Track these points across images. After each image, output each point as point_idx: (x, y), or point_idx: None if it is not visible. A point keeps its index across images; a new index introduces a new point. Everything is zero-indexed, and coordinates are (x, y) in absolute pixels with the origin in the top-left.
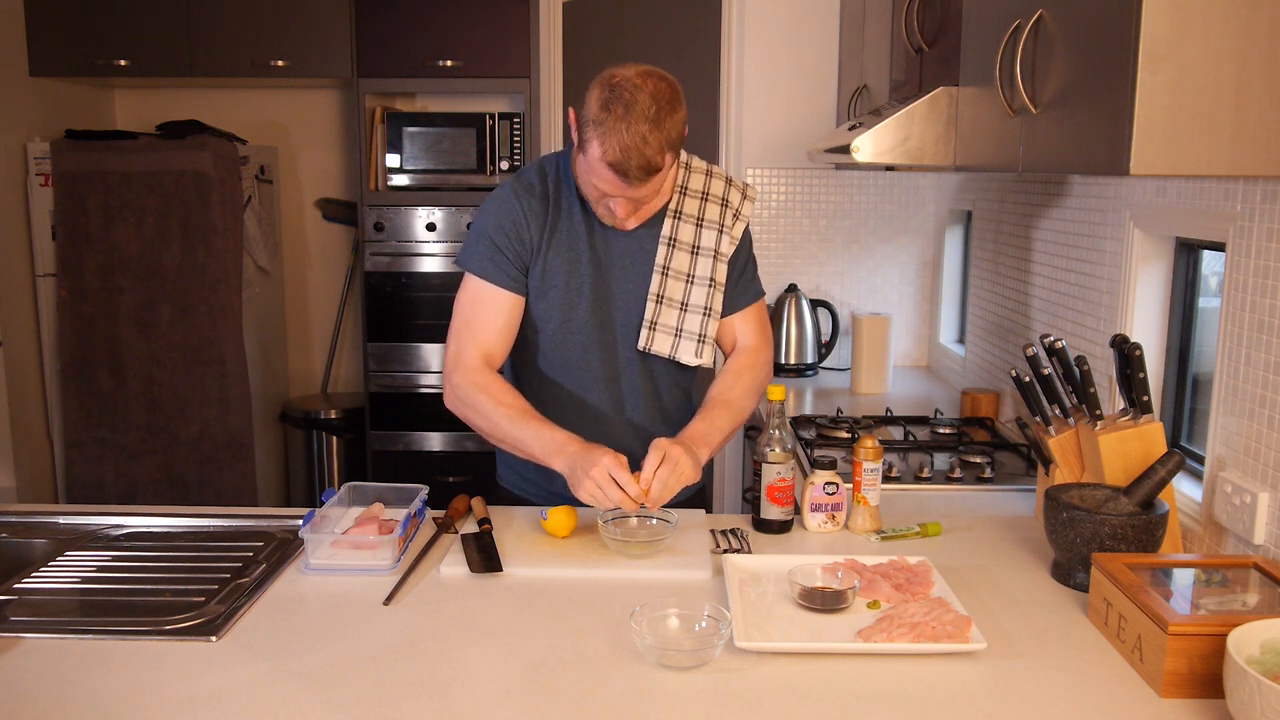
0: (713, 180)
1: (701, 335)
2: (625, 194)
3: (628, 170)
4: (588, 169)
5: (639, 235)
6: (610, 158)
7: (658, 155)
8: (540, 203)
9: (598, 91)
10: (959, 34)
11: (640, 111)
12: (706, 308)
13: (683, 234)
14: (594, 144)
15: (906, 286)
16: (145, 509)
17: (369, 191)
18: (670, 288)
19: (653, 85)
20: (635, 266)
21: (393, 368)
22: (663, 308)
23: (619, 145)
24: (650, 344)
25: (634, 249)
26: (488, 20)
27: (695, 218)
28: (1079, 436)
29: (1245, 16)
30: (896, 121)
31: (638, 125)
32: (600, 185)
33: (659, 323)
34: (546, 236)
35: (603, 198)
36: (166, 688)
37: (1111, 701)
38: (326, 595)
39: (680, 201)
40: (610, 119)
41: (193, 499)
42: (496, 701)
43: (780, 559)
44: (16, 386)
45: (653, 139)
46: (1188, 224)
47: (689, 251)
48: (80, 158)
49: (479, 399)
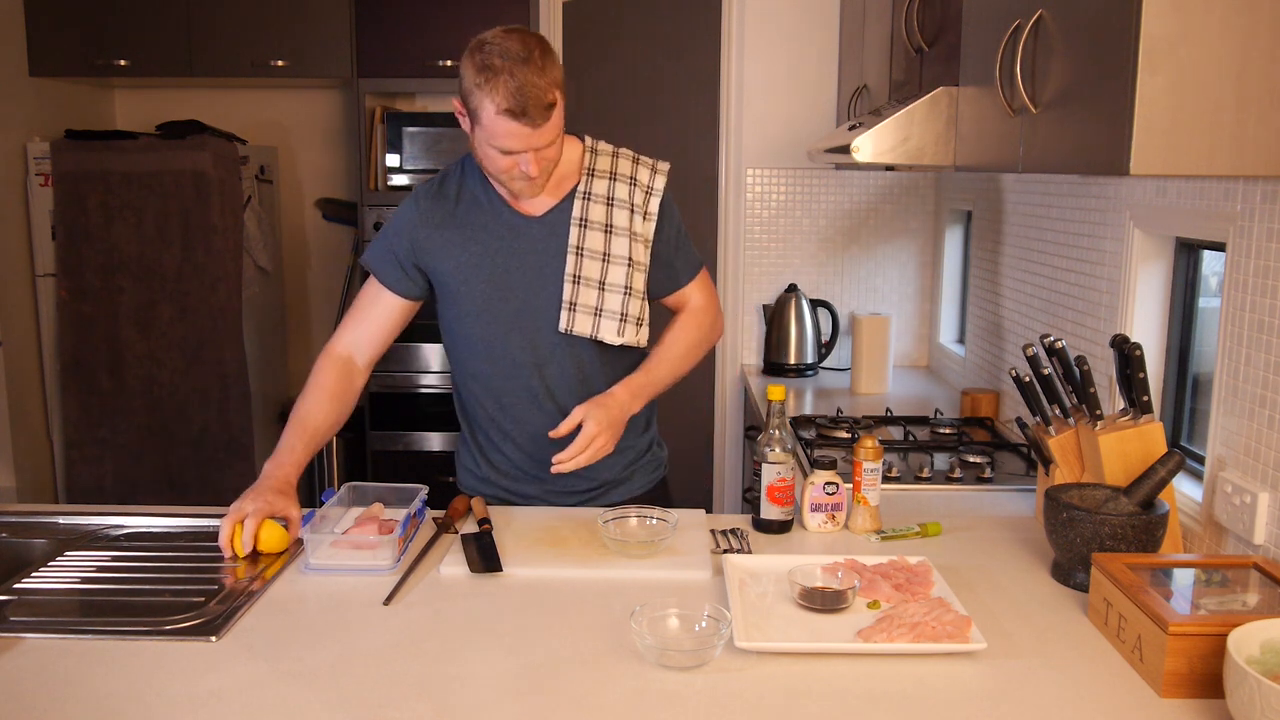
0: (620, 160)
1: (623, 314)
2: (530, 143)
3: (526, 109)
4: (489, 136)
5: (550, 221)
6: (506, 105)
7: (548, 90)
8: (438, 202)
9: (469, 59)
10: (959, 34)
11: (516, 56)
12: (627, 286)
13: (593, 214)
14: (485, 102)
15: (906, 286)
16: (145, 509)
17: (369, 191)
18: (586, 267)
19: (518, 35)
20: (549, 252)
21: (392, 368)
22: (580, 288)
23: (509, 90)
24: (571, 325)
25: (546, 235)
26: (488, 20)
27: (605, 197)
28: (1079, 436)
29: (1245, 16)
30: (896, 121)
31: (518, 68)
32: (506, 143)
33: (578, 303)
34: (447, 234)
35: (510, 165)
36: (166, 688)
37: (1111, 701)
38: (326, 595)
39: (589, 183)
40: (491, 73)
41: (193, 499)
42: (496, 701)
43: (780, 559)
44: (16, 386)
45: (536, 77)
46: (1188, 224)
47: (602, 230)
48: (80, 158)
49: (312, 373)
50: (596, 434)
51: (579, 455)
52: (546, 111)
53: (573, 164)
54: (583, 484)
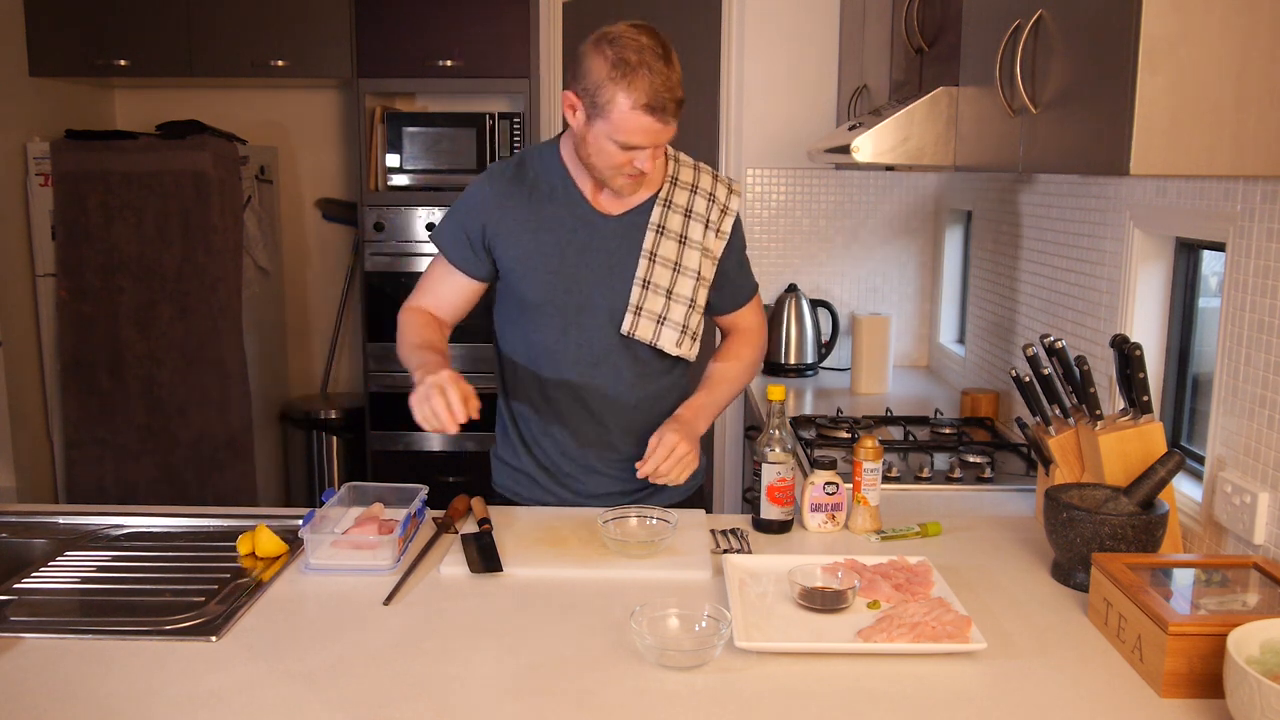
0: (701, 174)
1: (684, 326)
2: (658, 139)
3: (665, 107)
4: (615, 130)
5: (625, 221)
6: (644, 100)
7: (679, 89)
8: (514, 186)
9: (600, 54)
10: (959, 34)
11: (652, 52)
12: (691, 300)
13: (671, 223)
14: (620, 97)
15: (906, 286)
16: (145, 509)
17: (369, 191)
18: (657, 274)
19: (649, 31)
20: (621, 252)
21: (393, 368)
22: (649, 294)
23: (648, 87)
24: (634, 329)
25: (620, 235)
26: (488, 20)
27: (684, 209)
28: (1079, 436)
29: (1245, 16)
30: (896, 121)
31: (657, 64)
32: (633, 139)
33: (644, 308)
34: (518, 219)
35: (627, 160)
36: (166, 688)
37: (1111, 701)
38: (326, 595)
39: (670, 191)
40: (628, 67)
41: (193, 499)
42: (496, 701)
43: (780, 559)
44: (16, 386)
45: (671, 74)
46: (1188, 224)
47: (677, 241)
48: (80, 158)
49: (401, 322)
50: (678, 442)
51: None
52: (679, 109)
53: (656, 170)
54: (620, 485)
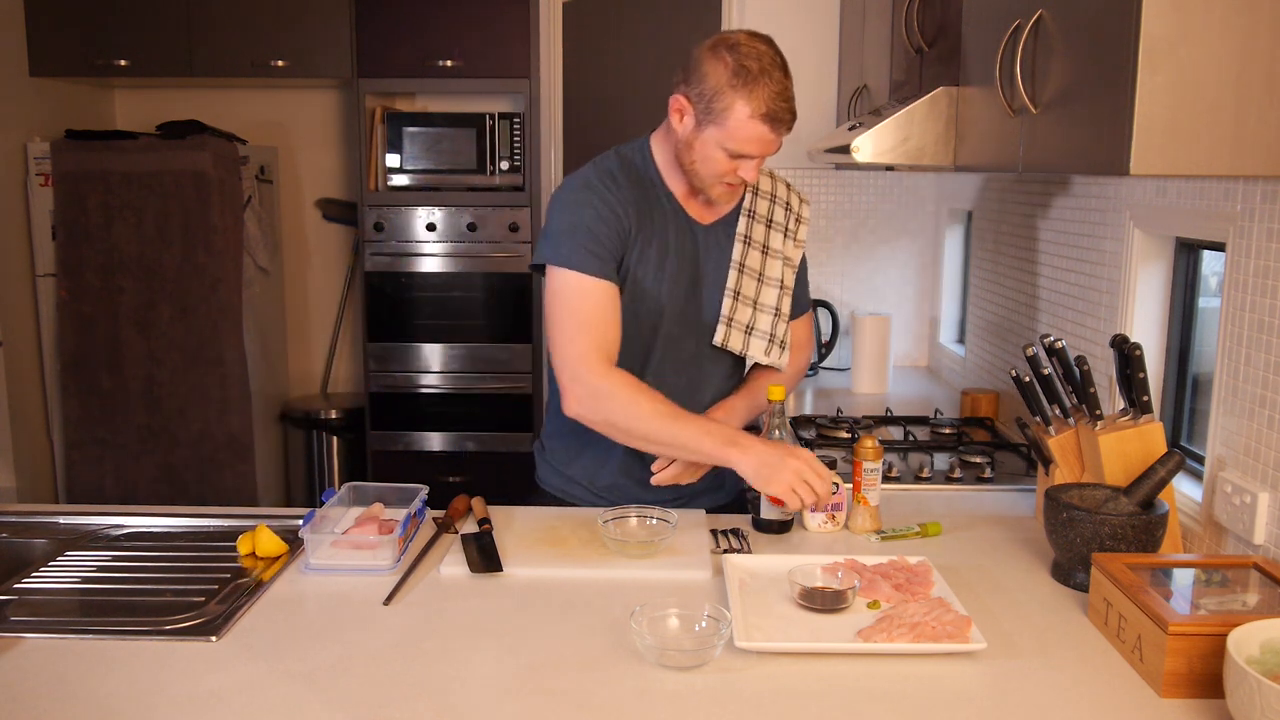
0: (776, 183)
1: (772, 335)
2: (768, 150)
3: (783, 118)
4: (728, 137)
5: (716, 231)
6: (764, 109)
7: (794, 101)
8: (624, 190)
9: (719, 60)
10: (959, 34)
11: (772, 62)
12: (776, 309)
13: (756, 232)
14: (739, 105)
15: (906, 286)
16: (145, 509)
17: (369, 191)
18: (745, 285)
19: (766, 40)
20: (713, 262)
21: (393, 368)
22: (739, 305)
23: (769, 96)
24: (726, 340)
25: (712, 244)
26: (488, 20)
27: (766, 218)
28: (1079, 436)
29: (1245, 16)
30: (896, 121)
31: (776, 74)
32: (746, 148)
33: (734, 319)
34: (640, 225)
35: (732, 169)
36: (166, 688)
37: (1111, 701)
38: (326, 595)
39: (754, 201)
40: (751, 76)
41: (193, 499)
42: (496, 701)
43: (780, 559)
44: (16, 386)
45: (789, 86)
46: (1188, 224)
47: (761, 251)
48: (80, 158)
49: (630, 397)
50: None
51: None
52: (793, 121)
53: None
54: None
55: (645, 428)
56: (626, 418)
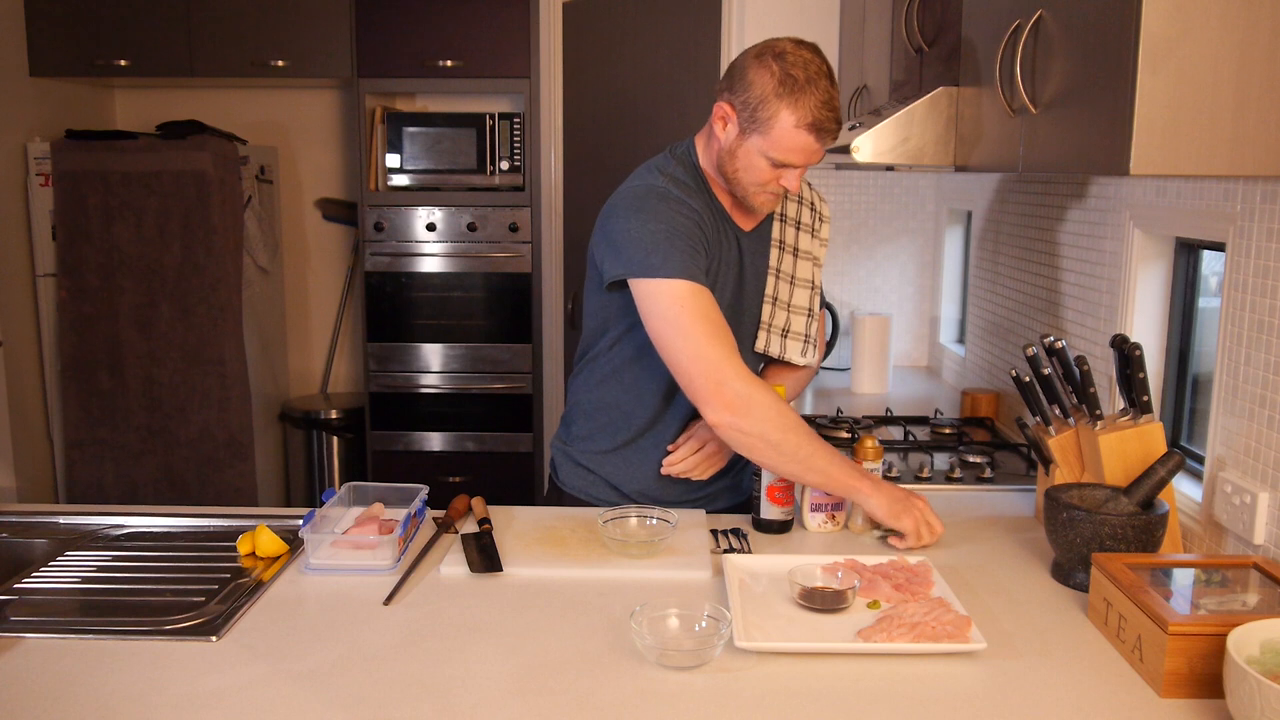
0: (802, 185)
1: (806, 335)
2: (812, 159)
3: (829, 128)
4: (772, 146)
5: (755, 237)
6: (811, 118)
7: (840, 109)
8: (693, 198)
9: (763, 66)
10: (959, 34)
11: (819, 71)
12: (809, 310)
13: (787, 236)
14: (784, 113)
15: (906, 286)
16: (145, 509)
17: (369, 191)
18: (781, 290)
19: (812, 49)
20: (754, 268)
21: (393, 368)
22: (776, 309)
23: (815, 105)
24: (767, 346)
25: (753, 250)
26: (488, 20)
27: (795, 221)
28: (1079, 436)
29: (1245, 16)
30: (896, 121)
31: (823, 83)
32: (790, 158)
33: (773, 325)
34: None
35: (774, 178)
36: (167, 688)
37: (1111, 701)
38: (326, 595)
39: (783, 205)
40: (794, 86)
41: (193, 499)
42: (496, 701)
43: (780, 559)
44: (16, 386)
45: (835, 95)
46: (1188, 224)
47: (793, 254)
48: (80, 158)
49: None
50: (708, 438)
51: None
52: (839, 131)
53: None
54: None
55: (793, 442)
56: (778, 429)
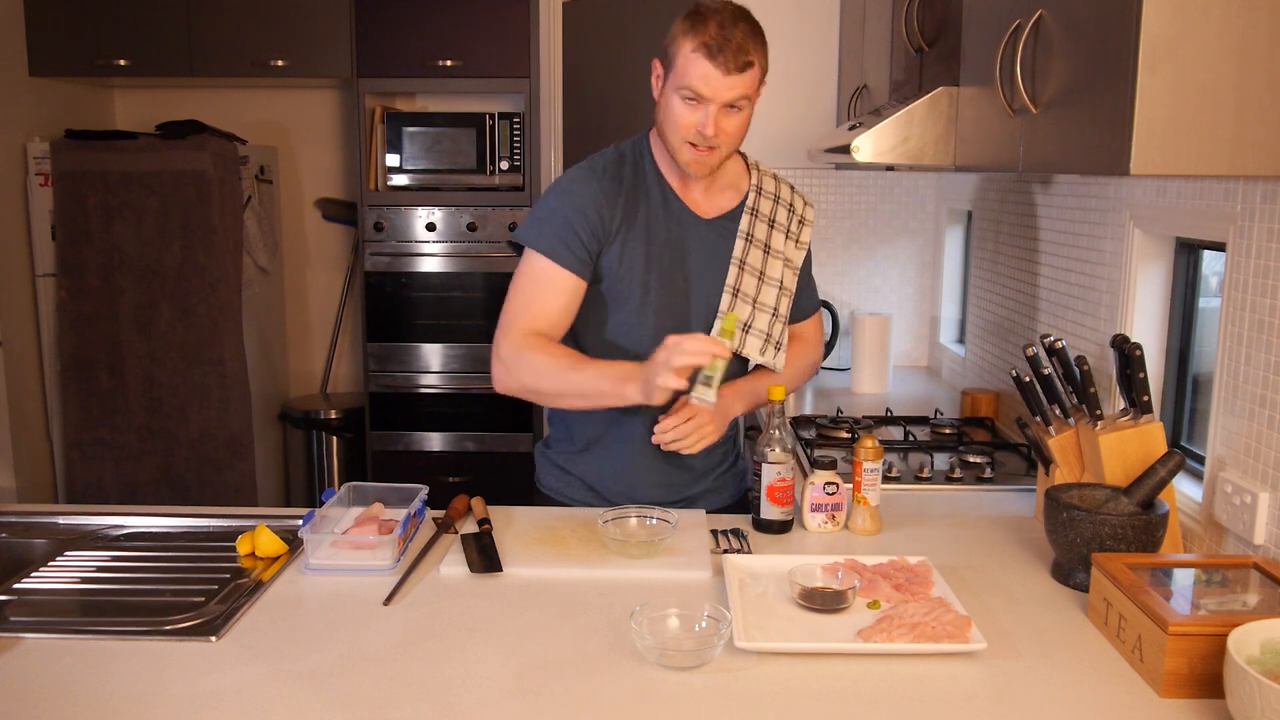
0: (781, 185)
1: (768, 335)
2: (716, 90)
3: (722, 49)
4: (678, 81)
5: (717, 226)
6: (703, 40)
7: (750, 43)
8: (617, 184)
9: (682, 17)
10: (959, 34)
11: (731, 12)
12: (775, 309)
13: (758, 232)
14: (684, 46)
15: (906, 286)
16: (145, 509)
17: (369, 191)
18: (745, 282)
19: (739, 6)
20: (713, 258)
21: (393, 368)
22: (738, 302)
23: (710, 32)
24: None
25: (713, 239)
26: (488, 20)
27: (769, 218)
28: (1079, 436)
29: (1245, 16)
30: (896, 121)
31: (725, 17)
32: (693, 85)
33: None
34: (626, 218)
35: (690, 123)
36: (166, 688)
37: (1111, 701)
38: (326, 595)
39: (756, 200)
40: (700, 18)
41: (193, 499)
42: (497, 701)
43: (780, 559)
44: (16, 386)
45: (744, 29)
46: (1188, 224)
47: (763, 250)
48: (80, 158)
49: (532, 358)
50: (700, 412)
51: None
52: (742, 64)
53: (738, 176)
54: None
55: (550, 383)
56: (534, 377)
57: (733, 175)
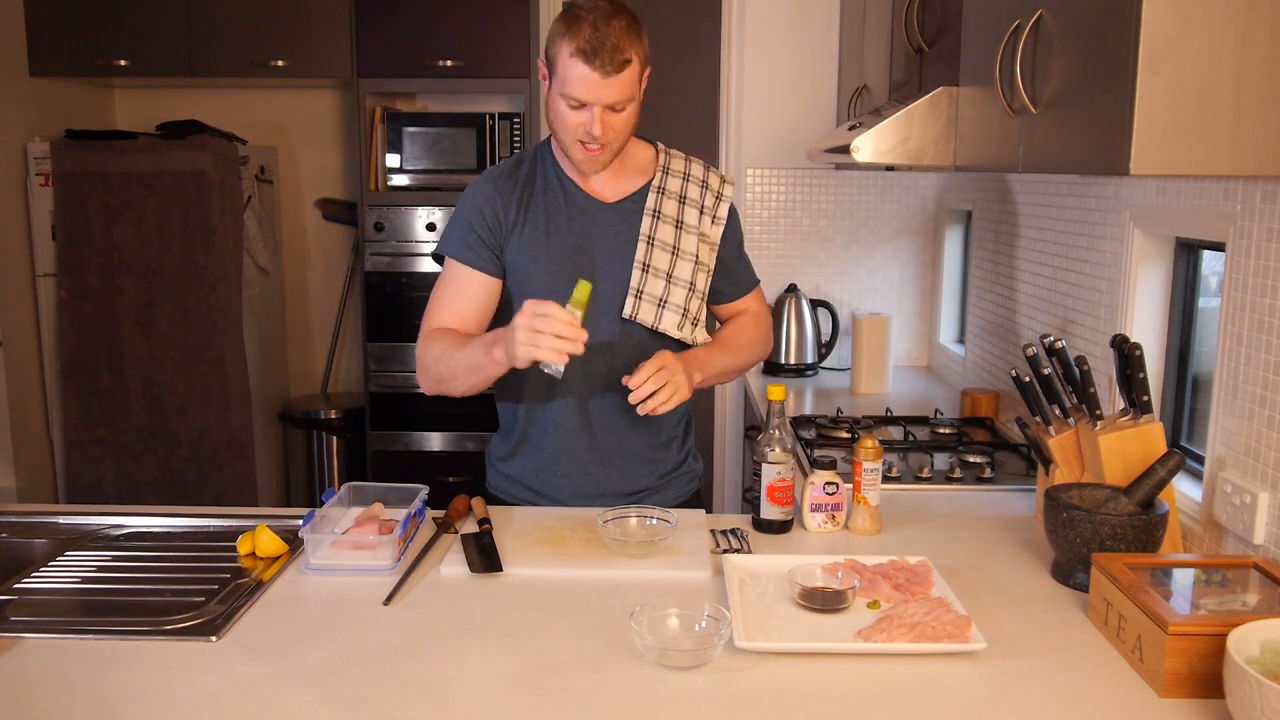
0: (692, 164)
1: (685, 309)
2: (597, 93)
3: (598, 52)
4: (561, 86)
5: (622, 208)
6: (580, 43)
7: (626, 47)
8: (512, 182)
9: (558, 17)
10: (959, 34)
11: (604, 10)
12: (691, 284)
13: (666, 208)
14: (563, 46)
15: (906, 286)
16: (145, 509)
17: (369, 191)
18: (656, 258)
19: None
20: (620, 239)
21: (393, 368)
22: (649, 277)
23: (584, 35)
24: (636, 312)
25: (617, 221)
26: (488, 20)
27: (678, 195)
28: (1079, 436)
29: (1245, 16)
30: (896, 121)
31: (599, 18)
32: (574, 90)
33: (645, 291)
34: (521, 214)
35: (577, 124)
36: (166, 688)
37: (1111, 701)
38: (326, 595)
39: (663, 180)
40: (571, 19)
41: (193, 499)
42: (496, 701)
43: (780, 559)
44: (16, 386)
45: (619, 26)
46: (1188, 224)
47: (673, 225)
48: (80, 158)
49: (430, 348)
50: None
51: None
52: (620, 64)
53: (646, 161)
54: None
55: (445, 367)
56: (434, 364)
57: (640, 160)
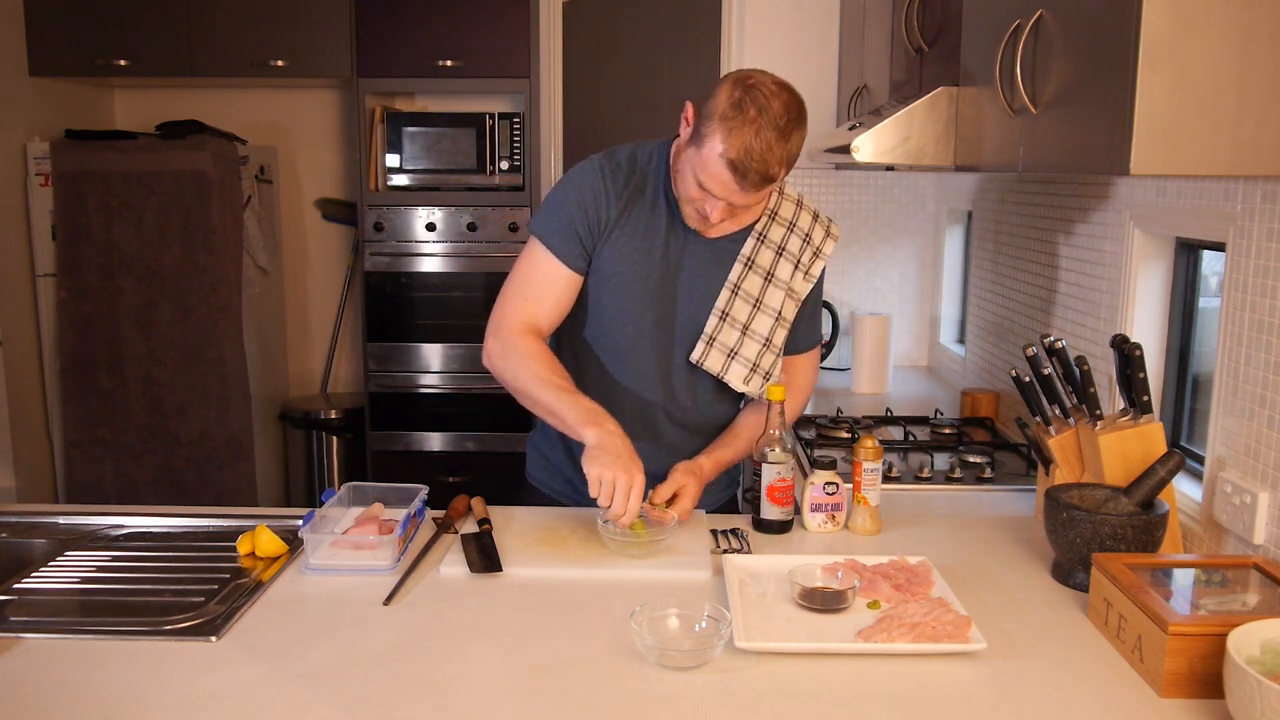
0: (801, 212)
1: (755, 364)
2: (732, 198)
3: (746, 173)
4: (699, 165)
5: (718, 246)
6: (731, 155)
7: (777, 166)
8: (623, 186)
9: (729, 89)
10: (959, 34)
11: (772, 118)
12: (767, 339)
13: (762, 258)
14: (715, 139)
15: (906, 286)
16: (145, 509)
17: (369, 191)
18: (737, 308)
19: (787, 97)
20: (707, 276)
21: (393, 368)
22: (725, 326)
23: (743, 146)
24: (704, 359)
25: (710, 258)
26: (488, 20)
27: (778, 246)
28: (1079, 436)
29: (1245, 16)
30: (896, 121)
31: (766, 131)
32: (708, 184)
33: (717, 340)
34: (621, 220)
35: (700, 198)
36: (166, 688)
37: (1111, 701)
38: (326, 595)
39: (767, 226)
40: (740, 118)
41: (193, 499)
42: (497, 701)
43: (780, 559)
44: (16, 386)
45: (777, 149)
46: (1188, 224)
47: (764, 277)
48: (80, 158)
49: (526, 360)
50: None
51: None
52: (763, 183)
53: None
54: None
55: (526, 386)
56: (516, 376)
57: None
